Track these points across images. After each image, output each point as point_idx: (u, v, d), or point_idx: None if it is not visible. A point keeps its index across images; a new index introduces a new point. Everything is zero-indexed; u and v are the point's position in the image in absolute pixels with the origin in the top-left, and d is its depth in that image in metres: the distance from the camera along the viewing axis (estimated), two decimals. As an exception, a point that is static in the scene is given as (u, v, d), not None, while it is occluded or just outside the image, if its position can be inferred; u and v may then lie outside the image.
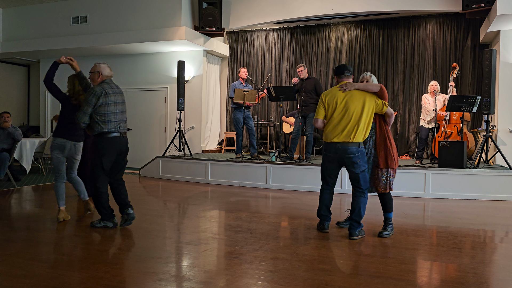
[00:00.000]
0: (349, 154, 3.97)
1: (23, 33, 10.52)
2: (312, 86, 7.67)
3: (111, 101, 4.25)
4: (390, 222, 4.16)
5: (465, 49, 8.85)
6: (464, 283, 2.88)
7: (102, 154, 4.22)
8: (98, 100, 4.19)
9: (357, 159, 3.97)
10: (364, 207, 4.06)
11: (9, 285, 2.75)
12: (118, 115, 4.30)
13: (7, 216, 4.89)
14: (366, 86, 3.97)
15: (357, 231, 4.01)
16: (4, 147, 7.10)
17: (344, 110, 3.97)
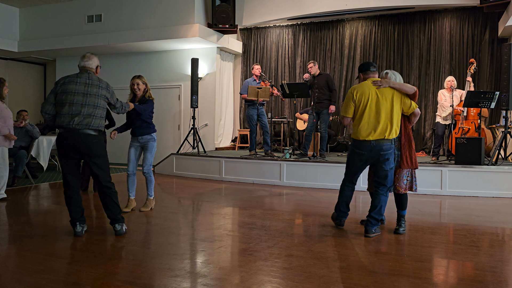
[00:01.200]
0: (384, 151, 3.93)
1: (39, 32, 10.67)
2: (324, 83, 7.61)
3: (68, 90, 3.77)
4: (404, 219, 4.19)
5: (483, 43, 8.68)
6: (482, 281, 2.83)
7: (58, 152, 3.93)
8: (56, 87, 3.83)
9: (390, 156, 3.98)
10: (385, 206, 4.05)
11: (29, 280, 2.79)
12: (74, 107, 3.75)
13: (25, 213, 4.98)
14: (402, 87, 3.89)
15: (373, 229, 3.97)
16: (22, 144, 7.22)
17: (376, 107, 3.91)
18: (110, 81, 10.86)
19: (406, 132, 4.06)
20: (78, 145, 3.76)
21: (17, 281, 2.78)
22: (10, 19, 10.73)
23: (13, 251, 3.44)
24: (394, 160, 4.02)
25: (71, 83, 3.81)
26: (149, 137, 5.01)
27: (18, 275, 2.89)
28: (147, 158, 5.01)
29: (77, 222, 3.89)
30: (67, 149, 3.79)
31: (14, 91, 11.95)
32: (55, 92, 3.83)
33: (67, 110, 3.74)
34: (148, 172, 5.06)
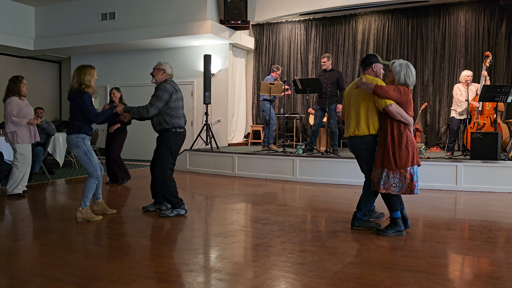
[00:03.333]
0: (354, 147, 4.01)
1: (54, 30, 10.82)
2: (335, 79, 7.57)
3: (179, 97, 4.55)
4: (395, 221, 3.84)
5: (499, 36, 8.53)
6: (499, 278, 2.81)
7: (171, 146, 4.52)
8: (170, 96, 4.43)
9: (361, 152, 3.95)
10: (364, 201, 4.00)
11: (48, 274, 2.86)
12: (182, 110, 4.59)
13: (42, 208, 5.08)
14: (364, 86, 3.82)
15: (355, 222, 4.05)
16: (39, 141, 7.34)
17: (349, 105, 4.05)
18: (124, 78, 10.98)
19: (384, 130, 3.78)
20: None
21: (36, 275, 2.84)
22: (26, 17, 10.89)
23: (31, 246, 3.51)
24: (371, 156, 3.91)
25: (180, 91, 4.59)
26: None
27: (37, 269, 2.95)
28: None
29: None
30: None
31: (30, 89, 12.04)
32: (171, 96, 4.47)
33: (182, 113, 4.57)
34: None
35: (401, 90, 3.72)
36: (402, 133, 3.72)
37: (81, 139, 4.23)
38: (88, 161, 4.28)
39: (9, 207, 5.03)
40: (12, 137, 5.53)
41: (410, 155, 3.70)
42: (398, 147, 3.71)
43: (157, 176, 4.54)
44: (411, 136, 3.76)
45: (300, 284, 2.70)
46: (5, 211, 4.86)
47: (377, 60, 4.06)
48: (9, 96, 5.56)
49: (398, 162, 3.70)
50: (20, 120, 5.54)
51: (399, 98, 3.70)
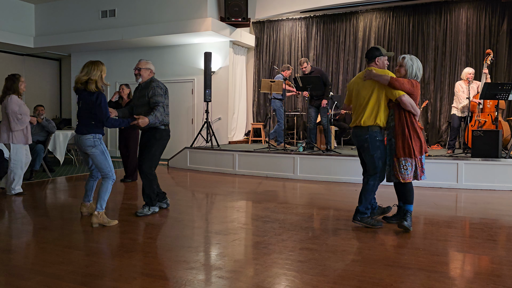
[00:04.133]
0: (358, 137, 4.04)
1: (54, 28, 10.80)
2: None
3: (168, 95, 4.62)
4: (408, 215, 3.91)
5: (501, 34, 8.50)
6: (500, 275, 2.80)
7: (164, 144, 4.59)
8: (166, 94, 4.53)
9: (367, 143, 3.97)
10: (366, 194, 4.02)
11: (49, 272, 2.85)
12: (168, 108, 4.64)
13: (43, 206, 5.08)
14: (378, 78, 3.88)
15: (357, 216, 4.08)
16: (39, 139, 7.34)
17: (357, 97, 4.07)
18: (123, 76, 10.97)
19: (400, 121, 3.90)
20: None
21: (37, 273, 2.84)
22: (26, 15, 10.87)
23: (32, 244, 3.51)
24: (378, 149, 3.95)
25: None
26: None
27: (38, 267, 2.95)
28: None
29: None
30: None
31: (30, 87, 12.13)
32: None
33: (168, 110, 4.60)
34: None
35: (413, 83, 3.86)
36: (414, 123, 3.90)
37: (98, 138, 4.09)
38: (105, 161, 4.11)
39: (9, 205, 5.03)
40: (7, 137, 5.47)
41: (423, 143, 3.92)
42: (415, 136, 3.90)
43: (145, 171, 4.45)
44: (419, 126, 3.97)
45: (301, 281, 2.69)
46: (5, 209, 4.86)
47: (380, 53, 4.05)
48: (8, 94, 5.50)
49: (415, 151, 3.89)
50: (24, 118, 5.51)
51: (412, 90, 3.84)
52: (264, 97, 10.63)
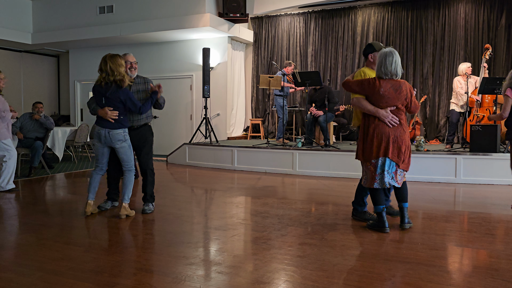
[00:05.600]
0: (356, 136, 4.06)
1: (52, 24, 10.75)
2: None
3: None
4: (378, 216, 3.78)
5: (499, 28, 8.50)
6: (498, 269, 2.82)
7: (152, 140, 4.62)
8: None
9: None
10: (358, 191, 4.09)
11: (49, 268, 2.86)
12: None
13: (42, 202, 5.08)
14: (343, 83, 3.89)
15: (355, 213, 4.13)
16: (38, 136, 7.34)
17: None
18: (122, 72, 10.94)
19: (363, 123, 3.75)
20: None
21: (37, 269, 2.85)
22: (23, 11, 10.82)
23: (32, 240, 3.52)
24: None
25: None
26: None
27: (37, 263, 2.96)
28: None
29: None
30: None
31: (28, 83, 12.12)
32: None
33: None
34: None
35: (365, 83, 3.63)
36: (369, 125, 3.66)
37: (126, 133, 4.23)
38: (131, 155, 4.28)
39: (7, 202, 5.03)
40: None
41: (372, 147, 3.64)
42: (364, 139, 3.71)
43: (150, 168, 4.52)
44: (380, 129, 3.62)
45: (300, 276, 2.71)
46: (3, 205, 4.86)
47: (373, 49, 4.01)
48: None
49: (364, 154, 3.72)
50: (7, 115, 5.47)
51: (362, 91, 3.65)
52: (263, 93, 10.62)
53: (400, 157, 3.64)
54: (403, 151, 3.65)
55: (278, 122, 8.50)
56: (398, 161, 3.64)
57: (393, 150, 3.62)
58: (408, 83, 3.76)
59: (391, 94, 3.60)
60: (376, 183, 3.69)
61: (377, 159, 3.65)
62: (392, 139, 3.62)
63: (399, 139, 3.63)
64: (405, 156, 3.68)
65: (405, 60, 9.21)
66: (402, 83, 3.66)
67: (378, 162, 3.65)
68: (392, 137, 3.62)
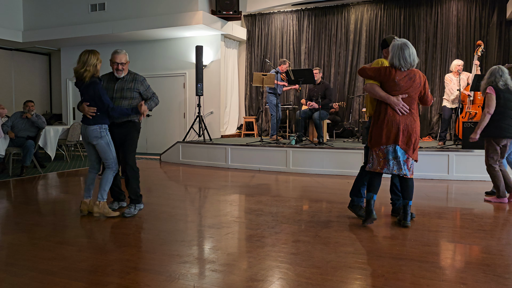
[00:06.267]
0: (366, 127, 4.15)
1: (43, 22, 10.66)
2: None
3: None
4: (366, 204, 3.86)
5: (491, 26, 8.56)
6: (490, 265, 2.84)
7: (136, 136, 4.44)
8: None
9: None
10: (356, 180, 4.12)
11: (41, 268, 2.84)
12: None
13: (34, 202, 5.04)
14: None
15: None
16: (30, 135, 7.28)
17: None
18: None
19: (375, 109, 3.82)
20: None
21: (29, 269, 2.83)
22: (14, 9, 10.71)
23: (24, 239, 3.49)
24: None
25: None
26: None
27: (30, 263, 2.94)
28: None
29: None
30: None
31: (20, 82, 12.01)
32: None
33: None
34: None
35: (381, 70, 3.68)
36: (380, 112, 3.72)
37: (104, 129, 4.10)
38: (109, 152, 4.13)
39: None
40: None
41: (381, 133, 3.68)
42: (374, 125, 3.76)
43: (132, 166, 4.31)
44: (391, 116, 3.66)
45: (294, 273, 2.71)
46: (-4, 205, 4.82)
47: (386, 44, 4.03)
48: None
49: (372, 140, 3.77)
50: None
51: (377, 77, 3.70)
52: (256, 91, 10.62)
53: (409, 145, 3.68)
54: (412, 140, 3.69)
55: (271, 120, 8.51)
56: (407, 149, 3.68)
57: (402, 138, 3.67)
58: (424, 75, 3.76)
59: (405, 82, 3.65)
60: (382, 168, 3.72)
61: (386, 146, 3.69)
62: (403, 127, 3.66)
63: (409, 128, 3.67)
64: (415, 145, 3.72)
65: (398, 58, 9.23)
66: (416, 72, 3.71)
67: (387, 149, 3.69)
68: (403, 125, 3.65)
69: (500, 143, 4.73)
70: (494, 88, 4.67)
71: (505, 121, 4.65)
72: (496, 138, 4.71)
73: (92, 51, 4.08)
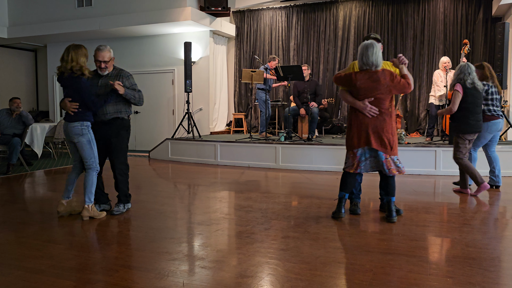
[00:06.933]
0: None
1: (29, 18, 10.49)
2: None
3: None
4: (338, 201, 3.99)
5: (477, 23, 8.66)
6: (476, 258, 2.89)
7: (129, 134, 4.34)
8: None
9: None
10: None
11: (28, 266, 2.81)
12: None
13: (21, 200, 4.98)
14: None
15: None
16: (16, 132, 7.18)
17: None
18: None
19: (348, 114, 3.98)
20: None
21: (17, 267, 2.79)
22: (-2, 4, 10.52)
23: (11, 238, 3.45)
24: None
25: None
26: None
27: (17, 262, 2.90)
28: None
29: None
30: None
31: (5, 79, 11.81)
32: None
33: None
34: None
35: (343, 78, 3.85)
36: (351, 116, 3.87)
37: (86, 126, 3.93)
38: (90, 151, 3.96)
39: (-14, 200, 4.92)
40: None
41: (353, 137, 3.82)
42: (347, 128, 3.93)
43: (121, 167, 4.19)
44: (360, 120, 3.77)
45: (283, 269, 2.72)
46: (-18, 203, 4.75)
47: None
48: None
49: (346, 143, 3.94)
50: None
51: (342, 84, 3.90)
52: (246, 87, 10.60)
53: (383, 145, 3.74)
54: (385, 140, 3.73)
55: (260, 117, 8.51)
56: (384, 149, 3.74)
57: (374, 139, 3.74)
58: (389, 70, 3.75)
59: (368, 85, 3.72)
60: (356, 169, 3.85)
61: (358, 148, 3.81)
62: (372, 129, 3.74)
63: (378, 128, 3.74)
64: (391, 144, 3.76)
65: (386, 54, 9.30)
66: (381, 73, 3.72)
67: (359, 151, 3.81)
68: (372, 127, 3.74)
69: (469, 138, 4.93)
70: (462, 86, 4.83)
71: (473, 118, 4.85)
72: (466, 134, 4.90)
73: (78, 46, 3.95)
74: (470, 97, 4.81)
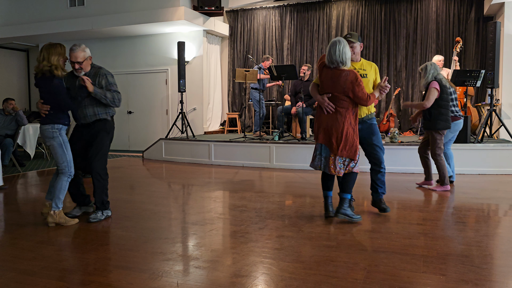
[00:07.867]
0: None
1: (20, 17, 10.41)
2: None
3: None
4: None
5: (469, 22, 8.72)
6: (468, 256, 2.91)
7: (112, 137, 4.10)
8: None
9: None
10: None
11: (21, 268, 2.79)
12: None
13: (14, 201, 4.94)
14: None
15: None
16: (8, 133, 7.12)
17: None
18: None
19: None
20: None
21: (9, 269, 2.77)
22: (-11, 4, 10.43)
23: (4, 239, 3.42)
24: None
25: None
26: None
27: (10, 263, 2.88)
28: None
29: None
30: None
31: (-3, 79, 11.72)
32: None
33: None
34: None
35: (318, 69, 3.89)
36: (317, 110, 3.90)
37: (57, 129, 3.73)
38: (62, 155, 3.74)
39: (-22, 201, 4.88)
40: None
41: (315, 131, 3.88)
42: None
43: (98, 171, 3.93)
44: (318, 115, 3.83)
45: (278, 268, 2.73)
46: (-26, 205, 4.70)
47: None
48: None
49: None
50: None
51: (318, 73, 3.92)
52: (240, 87, 10.60)
53: (330, 145, 3.71)
54: (333, 139, 3.68)
55: (255, 116, 8.52)
56: (330, 147, 3.72)
57: (324, 136, 3.77)
58: (354, 75, 3.62)
59: (327, 82, 3.74)
60: (311, 164, 3.92)
61: (316, 143, 3.88)
62: (324, 126, 3.76)
63: (329, 127, 3.72)
64: (340, 144, 3.66)
65: (379, 54, 9.35)
66: (344, 73, 3.64)
67: (317, 146, 3.87)
68: (324, 124, 3.76)
69: (444, 134, 5.12)
70: (439, 83, 4.98)
71: (448, 114, 5.05)
72: (444, 130, 5.05)
73: (52, 44, 3.71)
74: (445, 95, 5.00)
